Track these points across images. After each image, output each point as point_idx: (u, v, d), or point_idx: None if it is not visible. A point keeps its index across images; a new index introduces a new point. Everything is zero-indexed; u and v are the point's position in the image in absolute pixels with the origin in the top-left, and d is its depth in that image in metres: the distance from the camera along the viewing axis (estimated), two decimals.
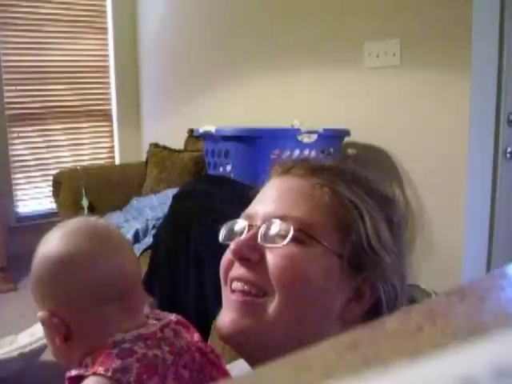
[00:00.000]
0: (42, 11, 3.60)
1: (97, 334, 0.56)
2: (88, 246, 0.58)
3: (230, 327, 0.58)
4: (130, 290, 0.60)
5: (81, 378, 0.53)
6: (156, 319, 0.62)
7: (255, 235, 0.59)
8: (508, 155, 1.89)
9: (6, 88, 3.48)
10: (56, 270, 0.58)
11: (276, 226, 0.59)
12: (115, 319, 0.58)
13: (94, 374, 0.51)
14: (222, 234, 0.65)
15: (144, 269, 1.89)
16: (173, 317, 0.63)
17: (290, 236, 0.57)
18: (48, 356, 1.97)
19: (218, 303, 0.63)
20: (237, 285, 0.60)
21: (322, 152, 2.14)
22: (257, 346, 0.58)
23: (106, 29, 3.87)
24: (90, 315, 0.57)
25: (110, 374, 0.51)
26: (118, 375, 0.50)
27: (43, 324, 0.59)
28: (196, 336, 0.62)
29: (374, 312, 0.59)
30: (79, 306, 0.57)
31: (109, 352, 0.53)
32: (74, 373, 0.54)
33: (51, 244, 0.59)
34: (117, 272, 0.59)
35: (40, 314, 0.58)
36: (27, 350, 1.80)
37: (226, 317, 0.59)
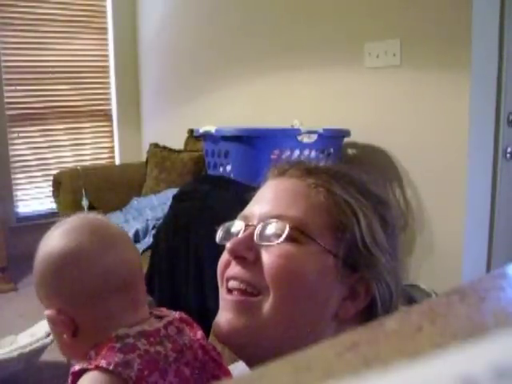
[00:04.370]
0: (41, 11, 3.60)
1: (103, 328, 0.57)
2: (90, 241, 0.59)
3: (226, 327, 0.59)
4: (134, 281, 0.61)
5: (84, 371, 0.54)
6: (160, 316, 0.62)
7: (251, 234, 0.60)
8: (508, 155, 1.89)
9: (6, 88, 3.49)
10: (60, 267, 0.58)
11: (272, 226, 0.60)
12: (120, 312, 0.59)
13: (96, 367, 0.52)
14: (219, 235, 0.66)
15: (144, 269, 1.89)
16: (176, 314, 0.64)
17: (284, 234, 0.58)
18: (48, 356, 1.97)
19: (218, 303, 0.63)
20: (233, 284, 0.60)
21: (322, 152, 2.14)
22: (253, 345, 0.58)
23: (105, 29, 3.87)
24: (95, 310, 0.58)
25: (111, 367, 0.52)
26: (119, 369, 0.51)
27: (51, 322, 0.59)
28: (199, 334, 0.62)
29: (368, 311, 0.60)
30: (85, 301, 0.58)
31: (111, 346, 0.54)
32: (77, 367, 0.55)
33: (53, 241, 0.59)
34: (119, 264, 0.60)
35: (47, 312, 0.59)
36: (27, 350, 1.80)
37: (222, 317, 0.60)
